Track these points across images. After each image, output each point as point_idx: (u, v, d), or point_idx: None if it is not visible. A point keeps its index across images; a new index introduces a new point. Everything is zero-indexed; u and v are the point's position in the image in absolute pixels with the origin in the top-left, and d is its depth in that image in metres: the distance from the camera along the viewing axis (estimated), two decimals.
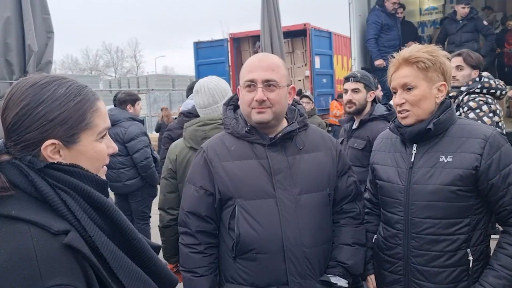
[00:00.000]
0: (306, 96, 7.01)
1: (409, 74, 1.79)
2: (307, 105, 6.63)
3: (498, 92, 3.34)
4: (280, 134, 1.80)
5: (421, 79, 1.78)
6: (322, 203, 1.85)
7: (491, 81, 3.34)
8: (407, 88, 1.81)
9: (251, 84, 1.77)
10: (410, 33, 7.88)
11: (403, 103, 1.83)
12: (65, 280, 0.93)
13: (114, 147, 1.19)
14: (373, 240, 2.09)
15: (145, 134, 4.72)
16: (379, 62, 7.09)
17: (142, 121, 4.91)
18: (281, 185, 1.78)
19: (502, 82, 3.45)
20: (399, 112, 1.87)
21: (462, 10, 6.78)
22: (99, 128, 1.12)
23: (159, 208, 2.55)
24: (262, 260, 1.76)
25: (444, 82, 1.81)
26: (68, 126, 1.06)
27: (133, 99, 4.85)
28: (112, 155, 1.22)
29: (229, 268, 1.83)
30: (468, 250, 1.78)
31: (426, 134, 1.81)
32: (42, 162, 1.04)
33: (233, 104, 1.99)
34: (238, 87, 1.86)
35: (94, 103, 1.12)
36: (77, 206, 1.03)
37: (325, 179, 1.87)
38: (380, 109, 3.14)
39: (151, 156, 4.64)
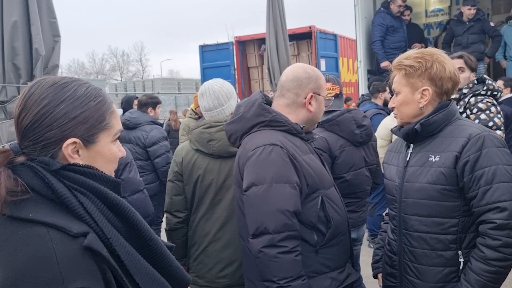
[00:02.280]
0: None
1: (396, 80, 1.94)
2: None
3: (498, 94, 3.45)
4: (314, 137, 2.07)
5: (404, 85, 1.90)
6: None
7: (494, 84, 3.43)
8: (396, 93, 1.95)
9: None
10: (416, 35, 7.86)
11: (393, 107, 1.98)
12: (86, 283, 0.92)
13: (123, 151, 1.20)
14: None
15: (166, 139, 4.67)
16: (385, 64, 7.08)
17: (162, 125, 4.86)
18: (329, 175, 2.01)
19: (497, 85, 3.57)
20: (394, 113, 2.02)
21: (468, 11, 6.76)
22: (115, 129, 1.14)
23: (165, 211, 2.55)
24: (344, 241, 1.93)
25: (426, 87, 1.84)
26: (89, 125, 1.07)
27: (154, 102, 4.80)
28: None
29: (310, 264, 1.81)
30: (459, 252, 1.78)
31: (417, 134, 1.87)
32: (58, 163, 1.03)
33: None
34: (312, 94, 1.94)
35: (111, 105, 1.14)
36: (95, 208, 1.02)
37: None
38: (324, 117, 3.04)
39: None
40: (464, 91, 3.41)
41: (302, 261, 1.73)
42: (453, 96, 3.26)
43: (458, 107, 3.30)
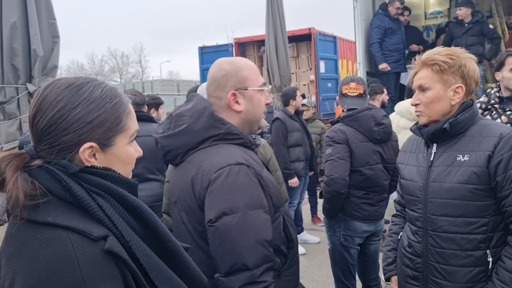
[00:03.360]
0: (303, 104, 6.40)
1: (425, 76, 1.85)
2: (306, 112, 6.45)
3: None
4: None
5: (436, 81, 1.83)
6: None
7: None
8: (423, 89, 1.87)
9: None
10: (415, 37, 7.88)
11: (417, 104, 1.89)
12: (108, 287, 0.91)
13: (140, 151, 1.17)
14: (398, 238, 2.12)
15: None
16: (383, 66, 7.10)
17: None
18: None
19: None
20: (416, 112, 1.93)
21: (458, 12, 6.84)
22: (131, 130, 1.11)
23: (163, 212, 2.55)
24: (297, 257, 1.72)
25: (460, 84, 1.82)
26: (105, 128, 1.04)
27: (156, 103, 4.77)
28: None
29: None
30: (488, 251, 1.78)
31: (443, 134, 1.84)
32: (76, 166, 1.00)
33: None
34: (234, 91, 1.64)
35: (127, 105, 1.11)
36: (113, 210, 1.01)
37: None
38: (344, 113, 3.22)
39: None
40: None
41: None
42: None
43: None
